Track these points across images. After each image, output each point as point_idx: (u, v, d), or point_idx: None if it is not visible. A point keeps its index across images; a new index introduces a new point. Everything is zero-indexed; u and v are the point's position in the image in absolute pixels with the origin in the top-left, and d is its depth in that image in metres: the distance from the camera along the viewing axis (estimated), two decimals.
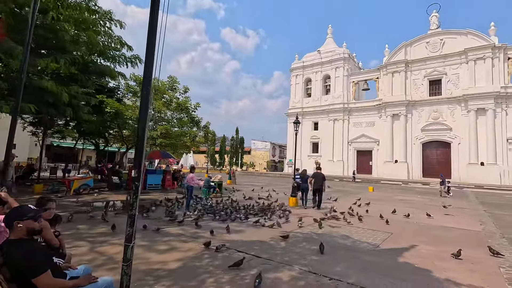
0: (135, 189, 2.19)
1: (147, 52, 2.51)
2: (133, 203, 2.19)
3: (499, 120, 31.06)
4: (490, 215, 11.53)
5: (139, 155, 2.34)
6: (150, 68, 2.43)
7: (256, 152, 74.15)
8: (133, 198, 2.19)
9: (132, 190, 2.21)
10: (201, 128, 17.57)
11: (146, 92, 2.44)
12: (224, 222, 8.09)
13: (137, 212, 2.23)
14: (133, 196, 2.19)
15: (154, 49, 2.50)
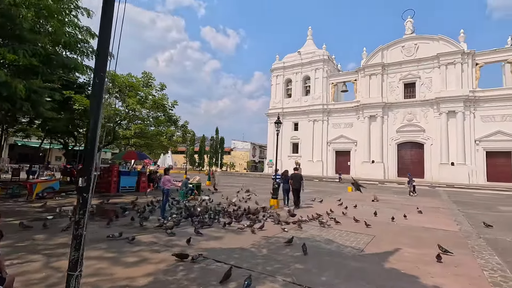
0: (82, 202, 1.71)
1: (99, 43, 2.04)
2: (79, 220, 1.70)
3: (468, 123, 32.67)
4: (464, 214, 11.85)
5: (89, 158, 1.84)
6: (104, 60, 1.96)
7: (236, 152, 73.54)
8: (80, 214, 1.70)
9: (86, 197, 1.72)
10: (179, 127, 16.83)
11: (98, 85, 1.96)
12: (202, 228, 7.60)
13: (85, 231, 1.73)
14: (80, 211, 1.70)
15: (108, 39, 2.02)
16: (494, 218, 11.36)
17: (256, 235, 7.05)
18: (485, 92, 32.66)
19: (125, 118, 15.00)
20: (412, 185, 20.29)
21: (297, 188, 12.01)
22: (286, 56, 48.70)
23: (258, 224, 8.00)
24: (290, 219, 9.13)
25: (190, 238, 6.24)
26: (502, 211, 13.40)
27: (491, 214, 12.34)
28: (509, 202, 17.34)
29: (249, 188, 19.66)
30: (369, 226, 8.37)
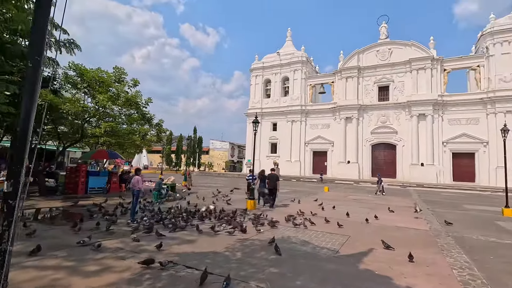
0: (7, 211, 1.38)
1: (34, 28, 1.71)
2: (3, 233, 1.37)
3: (436, 125, 34.39)
4: (433, 213, 12.32)
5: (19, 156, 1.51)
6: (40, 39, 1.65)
7: (214, 152, 72.65)
8: (4, 226, 1.37)
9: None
10: (153, 126, 16.17)
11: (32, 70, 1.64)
12: (175, 231, 7.25)
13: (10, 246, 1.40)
14: (4, 222, 1.38)
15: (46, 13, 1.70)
16: (460, 216, 11.92)
17: (230, 238, 6.81)
18: (452, 97, 34.55)
19: (94, 115, 14.15)
20: (381, 185, 21.05)
21: (273, 188, 12.21)
22: (266, 57, 48.78)
23: (233, 226, 7.76)
24: (266, 220, 8.98)
25: (161, 243, 5.88)
26: (467, 209, 14.12)
27: (458, 212, 12.95)
28: (473, 201, 18.37)
29: (226, 190, 19.37)
30: (341, 226, 8.35)
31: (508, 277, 4.97)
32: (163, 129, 16.44)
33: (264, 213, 9.97)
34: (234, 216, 9.17)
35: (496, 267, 5.44)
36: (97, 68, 14.13)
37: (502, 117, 30.69)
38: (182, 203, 12.33)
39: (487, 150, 31.89)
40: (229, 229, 7.44)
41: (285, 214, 10.05)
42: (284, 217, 9.51)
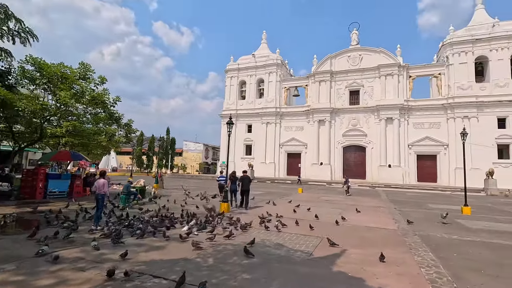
0: None
1: None
2: None
3: (403, 129, 36.29)
4: (401, 213, 12.85)
5: None
6: None
7: (188, 153, 71.11)
8: None
9: None
10: (121, 126, 15.33)
11: None
12: (143, 238, 6.83)
13: None
14: None
15: None
16: (425, 215, 12.54)
17: (202, 243, 6.54)
18: (416, 102, 36.67)
19: (55, 114, 13.12)
20: (348, 185, 21.79)
21: (246, 190, 12.48)
22: (241, 58, 48.68)
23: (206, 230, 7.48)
24: (240, 223, 8.79)
25: (127, 251, 5.47)
26: (431, 208, 14.92)
27: (422, 211, 13.63)
28: (435, 200, 19.50)
29: (199, 192, 18.91)
30: (313, 228, 8.29)
31: (470, 273, 5.21)
32: (132, 129, 15.65)
33: (238, 216, 9.77)
34: (207, 220, 8.88)
35: (459, 264, 5.70)
36: (59, 63, 13.11)
37: (460, 122, 33.11)
38: (152, 207, 11.78)
39: (447, 153, 34.17)
40: (203, 233, 7.16)
41: (260, 216, 9.92)
42: (258, 219, 9.39)
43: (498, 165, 30.98)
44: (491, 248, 7.08)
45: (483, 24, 34.95)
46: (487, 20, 35.21)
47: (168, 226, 7.94)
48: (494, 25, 34.07)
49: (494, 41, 33.61)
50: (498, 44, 33.47)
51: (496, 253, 6.65)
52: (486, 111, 32.94)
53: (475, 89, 33.71)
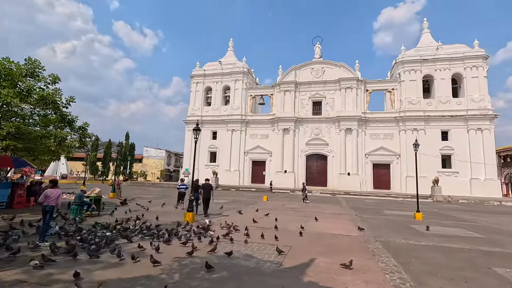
0: None
1: None
2: None
3: (360, 139, 38.56)
4: (361, 219, 13.43)
5: None
6: None
7: (148, 160, 67.89)
8: None
9: None
10: (75, 129, 14.03)
11: None
12: (99, 254, 6.18)
13: None
14: None
15: None
16: (382, 221, 13.25)
17: (166, 257, 6.11)
18: (372, 114, 39.32)
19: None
20: (305, 193, 22.42)
21: (207, 198, 12.83)
22: (207, 64, 48.21)
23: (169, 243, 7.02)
24: (207, 234, 8.44)
25: (79, 272, 4.86)
26: (387, 215, 15.85)
27: (380, 218, 14.40)
28: (390, 207, 20.81)
29: (161, 201, 18.03)
30: (278, 240, 8.02)
31: (429, 277, 5.52)
32: (87, 133, 14.40)
33: (204, 226, 9.39)
34: (170, 231, 8.37)
35: (418, 269, 6.02)
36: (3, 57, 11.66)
37: (410, 133, 36.16)
38: (108, 218, 10.86)
39: (399, 162, 36.96)
40: (165, 247, 6.71)
41: (227, 226, 9.66)
42: (226, 229, 9.12)
43: (442, 173, 34.28)
44: (443, 251, 7.64)
45: (429, 46, 38.94)
46: (432, 43, 39.31)
47: (128, 239, 7.32)
48: (438, 48, 38.14)
49: (438, 62, 37.57)
50: (441, 65, 37.46)
51: (448, 256, 7.17)
52: (432, 124, 36.41)
53: (423, 104, 37.16)
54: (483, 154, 34.13)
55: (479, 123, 34.79)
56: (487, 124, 34.62)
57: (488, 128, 34.59)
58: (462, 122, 35.45)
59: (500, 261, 6.91)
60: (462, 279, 5.48)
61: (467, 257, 7.17)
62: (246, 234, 8.45)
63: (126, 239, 7.42)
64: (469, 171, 34.37)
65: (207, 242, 7.52)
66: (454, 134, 35.62)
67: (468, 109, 35.30)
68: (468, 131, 35.12)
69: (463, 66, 36.67)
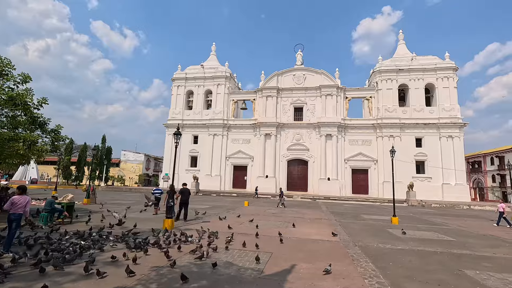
0: None
1: None
2: None
3: (340, 145, 39.49)
4: (340, 224, 13.67)
5: None
6: None
7: (126, 164, 65.76)
8: None
9: None
10: (47, 132, 13.32)
11: None
12: (70, 264, 5.84)
13: None
14: None
15: None
16: (361, 226, 13.54)
17: (143, 267, 5.87)
18: (351, 121, 40.46)
19: None
20: (282, 199, 22.63)
21: (185, 203, 12.88)
22: (189, 68, 47.74)
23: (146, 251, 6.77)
24: (187, 241, 8.23)
25: (47, 286, 4.55)
26: (365, 219, 16.23)
27: (359, 222, 14.72)
28: (368, 211, 21.36)
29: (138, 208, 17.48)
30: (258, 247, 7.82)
31: (405, 281, 5.67)
32: (60, 136, 13.70)
33: (184, 233, 9.15)
34: (147, 239, 8.08)
35: (395, 273, 6.17)
36: None
37: (387, 140, 37.50)
38: (82, 226, 10.34)
39: (376, 167, 38.16)
40: (141, 255, 6.45)
41: (207, 232, 9.48)
42: (205, 236, 8.94)
43: (416, 179, 35.73)
44: (418, 255, 7.90)
45: (404, 57, 40.80)
46: (407, 54, 41.24)
47: (102, 248, 6.99)
48: (413, 58, 40.06)
49: (413, 72, 39.41)
50: (415, 75, 39.33)
51: (422, 260, 7.42)
52: (407, 131, 37.98)
53: (398, 112, 38.73)
54: (453, 161, 35.99)
55: (450, 131, 36.73)
56: (457, 132, 36.62)
57: (458, 136, 36.58)
58: (435, 129, 37.27)
59: (470, 263, 7.24)
60: (436, 282, 5.68)
61: (440, 260, 7.45)
62: (226, 241, 8.32)
63: (100, 249, 7.08)
64: (441, 177, 36.08)
65: (186, 250, 7.33)
66: (427, 141, 37.34)
67: (440, 118, 37.20)
68: (440, 139, 36.95)
69: (435, 76, 38.70)
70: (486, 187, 57.72)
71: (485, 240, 10.89)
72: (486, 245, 9.78)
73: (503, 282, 5.82)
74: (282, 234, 9.75)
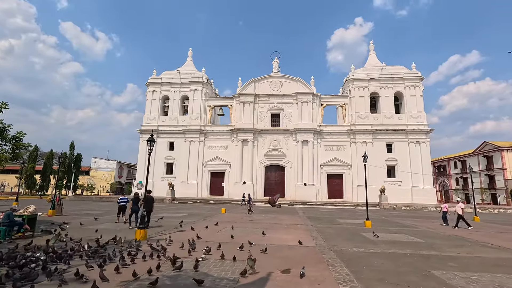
0: None
1: None
2: None
3: (316, 150, 40.37)
4: (317, 229, 13.85)
5: None
6: None
7: (97, 172, 62.74)
8: None
9: None
10: (7, 140, 12.34)
11: None
12: (31, 282, 5.38)
13: None
14: None
15: None
16: (336, 230, 13.81)
17: (112, 281, 5.55)
18: (326, 127, 41.59)
19: None
20: (250, 204, 22.31)
21: (149, 210, 13.01)
22: (164, 73, 46.87)
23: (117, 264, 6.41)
24: (160, 252, 7.91)
25: None
26: (341, 223, 16.60)
27: (334, 227, 15.01)
28: (343, 215, 21.87)
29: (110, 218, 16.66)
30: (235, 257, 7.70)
31: (378, 284, 5.81)
32: (22, 144, 12.76)
33: (157, 243, 8.81)
34: (115, 252, 7.67)
35: (368, 276, 6.32)
36: None
37: (360, 146, 38.89)
38: (44, 241, 9.62)
39: (351, 172, 39.37)
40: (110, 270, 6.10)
41: (182, 241, 9.19)
42: (180, 246, 8.66)
43: (387, 183, 37.26)
44: (389, 258, 8.16)
45: (375, 66, 42.82)
46: (378, 63, 43.34)
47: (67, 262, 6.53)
48: (383, 68, 42.15)
49: (383, 81, 41.42)
50: (385, 83, 41.36)
51: (394, 262, 7.68)
52: (378, 137, 39.65)
53: (370, 119, 40.40)
54: (421, 165, 38.01)
55: (417, 137, 38.85)
56: (424, 138, 38.81)
57: (425, 142, 38.77)
58: (404, 135, 39.24)
59: (437, 264, 7.60)
60: (406, 283, 5.87)
61: (410, 262, 7.75)
62: (204, 251, 8.11)
63: (64, 263, 6.61)
64: (410, 180, 37.91)
65: (160, 261, 7.04)
66: (397, 146, 39.20)
67: (408, 124, 39.27)
68: (409, 144, 38.95)
69: (403, 85, 40.93)
70: (451, 189, 61.45)
71: (450, 240, 11.51)
72: (451, 246, 10.33)
73: (466, 281, 6.15)
74: (259, 241, 9.67)
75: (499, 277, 6.49)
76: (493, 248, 10.16)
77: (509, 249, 9.95)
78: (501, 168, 49.61)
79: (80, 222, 14.26)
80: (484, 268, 7.23)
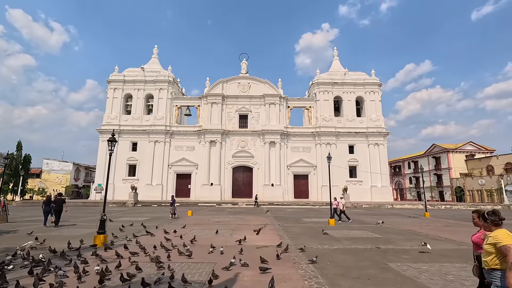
0: None
1: None
2: None
3: (283, 152, 41.21)
4: (283, 229, 14.13)
5: None
6: None
7: (50, 175, 57.76)
8: None
9: None
10: None
11: None
12: None
13: None
14: None
15: None
16: (301, 229, 14.20)
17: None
18: (293, 129, 42.67)
19: None
20: (174, 207, 19.44)
21: (58, 210, 14.86)
22: (128, 70, 44.70)
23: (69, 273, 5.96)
24: (124, 257, 7.51)
25: None
26: (306, 222, 17.10)
27: (300, 226, 15.43)
28: (309, 214, 22.56)
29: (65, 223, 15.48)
30: (202, 259, 7.78)
31: (341, 278, 6.09)
32: None
33: (119, 248, 8.34)
34: (68, 260, 7.14)
35: (332, 272, 6.59)
36: None
37: (324, 147, 40.45)
38: None
39: (316, 173, 40.77)
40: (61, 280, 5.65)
41: (148, 246, 8.81)
42: (145, 250, 8.30)
43: (350, 182, 39.22)
44: (351, 253, 8.60)
45: (338, 72, 44.89)
46: (341, 69, 45.50)
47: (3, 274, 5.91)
48: (345, 73, 44.34)
49: (345, 86, 43.57)
50: (348, 88, 43.56)
51: (355, 257, 8.10)
52: (341, 139, 41.58)
53: (334, 121, 42.24)
54: (379, 165, 40.58)
55: (376, 139, 41.43)
56: (382, 140, 41.50)
57: (383, 143, 41.46)
58: (364, 138, 41.61)
59: (393, 256, 8.16)
60: (366, 276, 6.23)
61: (370, 256, 8.23)
62: (168, 256, 7.86)
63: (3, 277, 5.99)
64: (369, 180, 40.28)
65: (124, 266, 6.68)
66: (358, 148, 41.44)
67: (368, 127, 41.73)
68: (368, 146, 41.38)
69: (364, 90, 43.42)
70: (405, 188, 66.34)
71: (404, 235, 12.43)
72: (405, 239, 11.16)
73: (418, 271, 6.69)
74: (226, 242, 9.61)
75: (445, 266, 7.16)
76: (441, 240, 11.17)
77: (454, 240, 11.02)
78: (447, 168, 54.72)
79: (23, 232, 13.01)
80: (433, 259, 7.92)
